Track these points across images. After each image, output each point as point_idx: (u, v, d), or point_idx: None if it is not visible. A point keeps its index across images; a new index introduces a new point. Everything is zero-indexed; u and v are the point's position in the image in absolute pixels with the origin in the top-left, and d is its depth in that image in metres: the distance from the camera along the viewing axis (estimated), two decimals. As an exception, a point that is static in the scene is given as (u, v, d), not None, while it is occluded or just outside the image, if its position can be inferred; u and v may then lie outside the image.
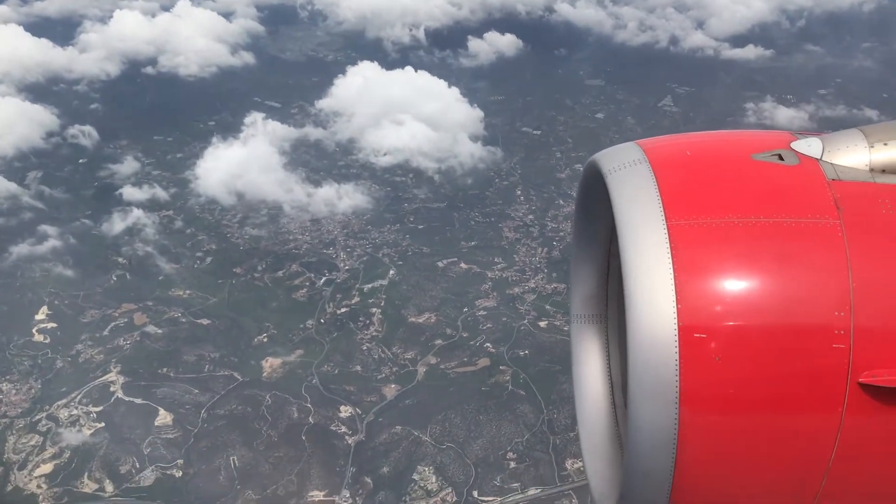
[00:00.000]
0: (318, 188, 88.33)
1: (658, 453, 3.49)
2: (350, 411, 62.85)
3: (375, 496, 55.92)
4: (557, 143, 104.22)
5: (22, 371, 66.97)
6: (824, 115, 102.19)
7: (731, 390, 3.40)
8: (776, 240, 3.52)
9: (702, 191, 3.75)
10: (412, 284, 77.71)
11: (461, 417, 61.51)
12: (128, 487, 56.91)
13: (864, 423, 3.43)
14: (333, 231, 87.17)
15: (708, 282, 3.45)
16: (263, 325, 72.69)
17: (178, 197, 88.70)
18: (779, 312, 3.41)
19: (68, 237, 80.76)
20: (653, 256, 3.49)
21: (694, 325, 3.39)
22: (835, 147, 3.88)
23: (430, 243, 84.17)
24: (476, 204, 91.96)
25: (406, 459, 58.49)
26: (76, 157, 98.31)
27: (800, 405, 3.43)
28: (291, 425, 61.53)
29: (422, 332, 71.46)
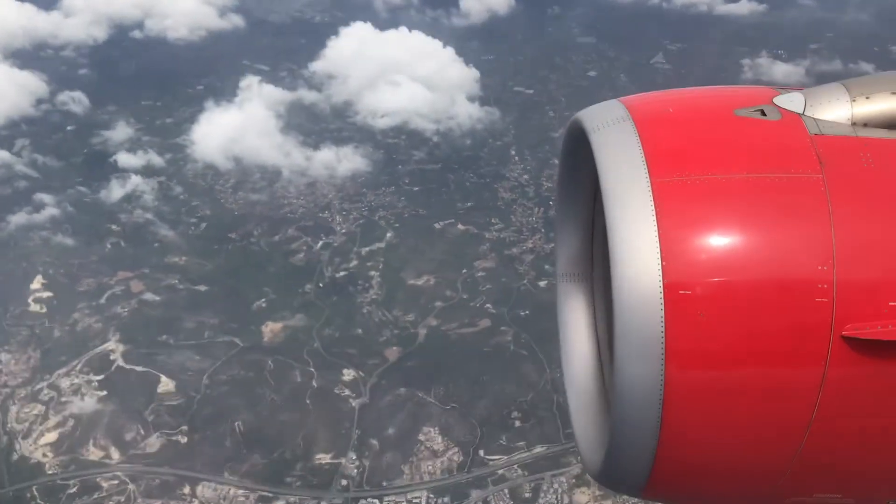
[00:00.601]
0: (317, 151, 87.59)
1: (644, 410, 3.52)
2: (353, 374, 62.99)
3: (382, 457, 56.31)
4: (550, 103, 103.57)
5: (20, 341, 66.47)
6: (820, 69, 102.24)
7: (716, 346, 3.42)
8: (759, 195, 3.53)
9: (685, 147, 3.74)
10: (410, 247, 77.50)
11: (464, 378, 61.78)
12: (134, 454, 56.98)
13: (847, 375, 3.45)
14: (328, 194, 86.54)
15: (692, 238, 3.46)
16: (262, 290, 72.35)
17: (173, 163, 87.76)
18: (762, 267, 3.42)
19: (66, 205, 79.90)
20: (637, 214, 3.49)
21: (679, 282, 3.40)
22: (817, 102, 3.87)
23: (427, 205, 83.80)
24: (470, 165, 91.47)
25: (411, 421, 58.80)
26: (67, 123, 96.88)
27: (783, 359, 3.46)
28: (295, 389, 61.62)
29: (421, 295, 71.45)
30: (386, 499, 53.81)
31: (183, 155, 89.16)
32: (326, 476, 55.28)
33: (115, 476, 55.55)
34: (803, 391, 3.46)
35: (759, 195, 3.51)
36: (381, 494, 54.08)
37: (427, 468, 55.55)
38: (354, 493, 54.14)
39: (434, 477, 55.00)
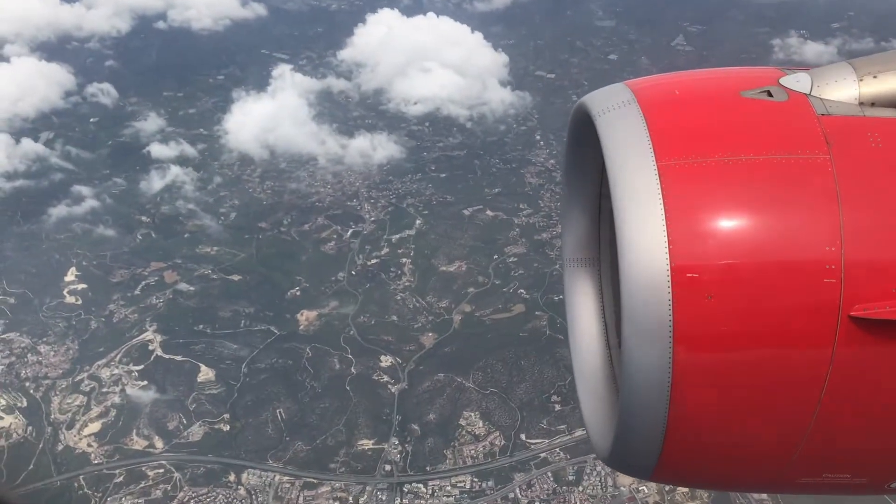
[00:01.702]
0: (352, 139, 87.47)
1: (653, 393, 3.53)
2: (391, 361, 63.22)
3: (424, 442, 56.58)
4: (573, 87, 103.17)
5: (58, 333, 66.92)
6: (851, 48, 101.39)
7: (724, 328, 3.43)
8: (766, 177, 3.52)
9: (691, 130, 3.73)
10: (440, 233, 77.53)
11: (502, 363, 61.94)
12: (177, 443, 57.41)
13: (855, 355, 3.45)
14: (355, 183, 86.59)
15: (699, 221, 3.47)
16: (295, 279, 72.59)
17: (206, 153, 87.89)
18: (770, 249, 3.42)
19: (105, 197, 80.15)
20: (643, 197, 3.49)
21: (686, 265, 3.40)
22: (824, 81, 3.85)
23: (454, 192, 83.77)
24: (496, 151, 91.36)
25: (451, 406, 59.03)
26: (97, 115, 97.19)
27: (792, 340, 3.46)
28: (334, 376, 61.90)
29: (454, 281, 71.55)
30: (430, 483, 54.12)
31: (217, 145, 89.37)
32: (370, 461, 55.61)
33: (160, 465, 56.03)
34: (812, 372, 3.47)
35: (766, 177, 3.51)
36: (425, 479, 54.38)
37: (469, 452, 55.83)
38: (399, 478, 54.43)
39: (477, 461, 55.28)
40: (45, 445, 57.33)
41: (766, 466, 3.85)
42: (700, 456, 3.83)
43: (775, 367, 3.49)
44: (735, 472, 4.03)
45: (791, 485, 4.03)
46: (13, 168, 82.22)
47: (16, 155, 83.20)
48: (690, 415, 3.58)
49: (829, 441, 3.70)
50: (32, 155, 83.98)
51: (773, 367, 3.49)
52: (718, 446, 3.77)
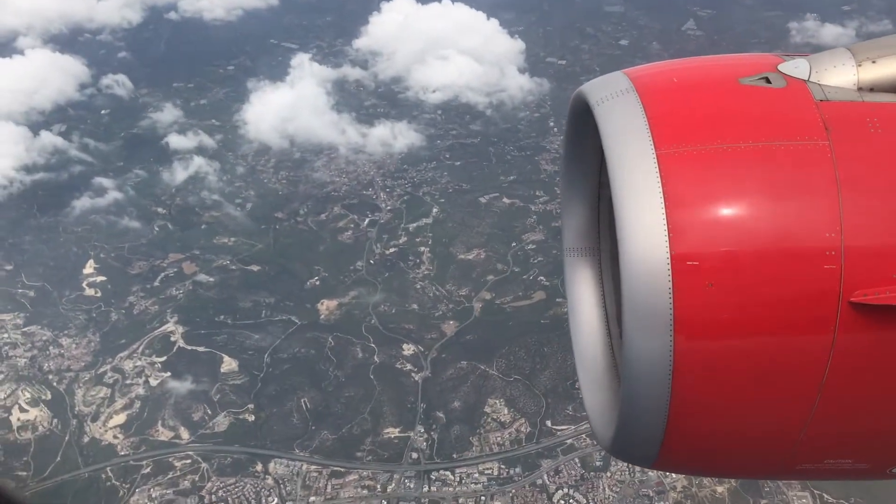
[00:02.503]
0: (372, 128, 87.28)
1: (654, 382, 3.53)
2: (413, 349, 63.26)
3: (450, 430, 56.67)
4: (585, 73, 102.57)
5: (78, 325, 66.97)
6: (868, 29, 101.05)
7: (725, 316, 3.44)
8: (765, 164, 3.51)
9: (690, 118, 3.73)
10: (457, 221, 77.44)
11: (525, 350, 61.96)
12: (203, 433, 57.53)
13: (856, 341, 3.46)
14: (369, 172, 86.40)
15: (699, 209, 3.46)
16: (313, 269, 72.56)
17: (224, 144, 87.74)
18: (769, 236, 3.42)
19: (127, 189, 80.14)
20: (643, 186, 3.49)
21: (686, 253, 3.40)
22: (822, 67, 3.84)
23: (469, 180, 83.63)
24: (509, 138, 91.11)
25: (475, 393, 59.09)
26: (113, 107, 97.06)
27: (793, 327, 3.46)
28: (357, 365, 61.95)
29: (473, 269, 71.51)
30: (457, 471, 54.23)
31: (236, 136, 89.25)
32: (396, 450, 55.72)
33: (186, 455, 56.16)
34: (813, 358, 3.47)
35: (765, 164, 3.49)
36: (452, 466, 54.50)
37: (496, 440, 55.92)
38: (426, 466, 54.54)
39: (503, 448, 55.37)
40: (71, 438, 57.47)
41: (769, 453, 3.87)
42: (702, 444, 3.84)
43: (776, 354, 3.50)
44: (737, 459, 4.05)
45: (793, 471, 4.05)
46: (32, 161, 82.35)
47: (34, 148, 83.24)
48: (692, 403, 3.59)
49: (830, 427, 3.70)
50: (51, 148, 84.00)
51: (774, 354, 3.49)
52: (720, 434, 3.78)
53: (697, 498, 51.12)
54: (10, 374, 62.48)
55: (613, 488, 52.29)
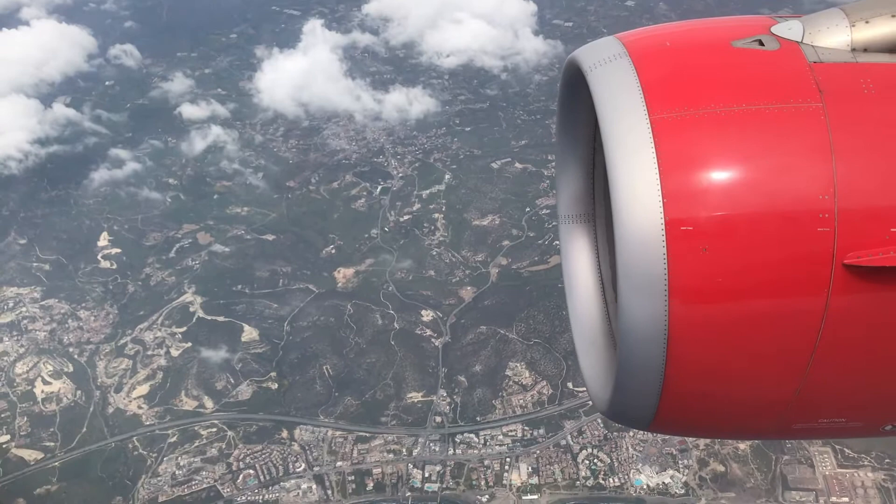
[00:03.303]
0: (387, 94, 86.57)
1: (649, 346, 3.56)
2: (432, 315, 63.50)
3: (472, 393, 57.14)
4: (592, 34, 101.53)
5: (95, 297, 67.07)
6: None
7: (720, 280, 3.44)
8: (759, 127, 3.50)
9: (683, 82, 3.70)
10: (470, 188, 77.29)
11: (543, 314, 62.20)
12: (227, 402, 57.95)
13: (850, 303, 3.47)
14: (379, 139, 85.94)
15: (692, 174, 3.45)
16: (328, 237, 72.55)
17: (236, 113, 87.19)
18: (763, 200, 3.42)
19: (145, 160, 79.69)
20: (637, 152, 3.48)
21: (680, 219, 3.40)
22: (815, 29, 3.81)
23: (481, 145, 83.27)
24: (518, 102, 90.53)
25: (496, 357, 59.47)
26: (123, 77, 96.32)
27: (787, 290, 3.48)
28: (378, 332, 62.23)
29: (488, 235, 71.53)
30: (482, 433, 54.77)
31: (248, 104, 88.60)
32: (420, 414, 56.22)
33: (212, 424, 56.65)
34: (807, 320, 3.49)
35: (759, 127, 3.48)
36: (476, 429, 55.05)
37: (518, 402, 56.42)
38: (450, 429, 55.07)
39: (526, 410, 55.89)
40: (96, 409, 57.87)
41: (764, 414, 3.91)
42: (697, 406, 3.87)
43: (770, 317, 3.51)
44: (732, 420, 4.08)
45: (788, 431, 4.08)
46: (45, 134, 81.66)
47: (46, 120, 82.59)
48: (687, 366, 3.62)
49: (824, 387, 3.73)
50: (63, 120, 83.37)
51: (769, 317, 3.51)
52: (716, 396, 3.81)
53: (720, 455, 51.79)
54: (31, 348, 62.70)
55: (637, 447, 52.91)
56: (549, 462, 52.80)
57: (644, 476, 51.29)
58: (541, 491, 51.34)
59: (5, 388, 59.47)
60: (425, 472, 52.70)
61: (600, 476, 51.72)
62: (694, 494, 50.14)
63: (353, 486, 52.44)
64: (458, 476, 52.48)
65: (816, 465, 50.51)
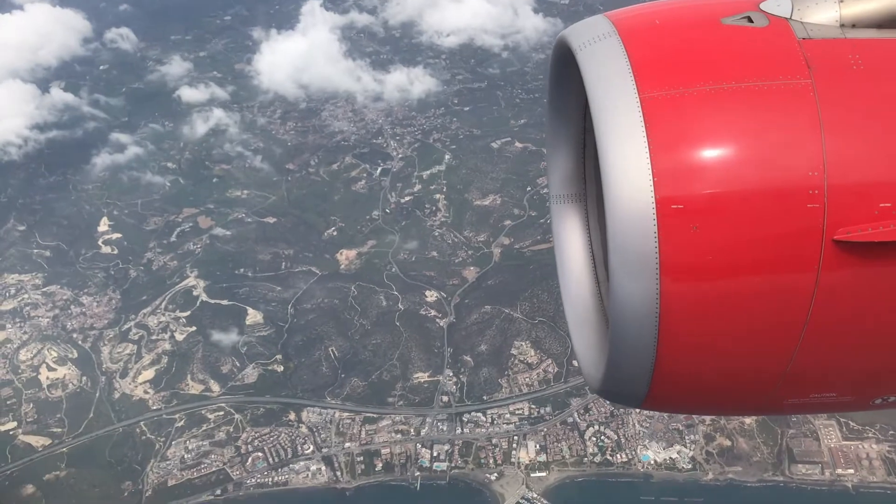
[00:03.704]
0: (388, 74, 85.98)
1: (641, 324, 3.56)
2: (436, 295, 63.57)
3: (478, 373, 57.36)
4: (588, 11, 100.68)
5: (97, 283, 66.87)
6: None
7: (710, 257, 3.44)
8: (748, 104, 3.48)
9: (673, 60, 3.68)
10: (470, 168, 77.11)
11: (547, 293, 62.29)
12: (233, 386, 58.07)
13: (839, 278, 3.47)
14: (378, 120, 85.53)
15: (682, 152, 3.44)
16: (329, 220, 72.40)
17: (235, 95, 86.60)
18: (753, 177, 3.40)
19: (146, 144, 79.14)
20: (627, 131, 3.46)
21: (671, 197, 3.39)
22: (804, 4, 3.78)
23: (480, 125, 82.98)
24: (516, 81, 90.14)
25: (501, 336, 59.64)
26: (119, 61, 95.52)
27: (777, 266, 3.48)
28: (382, 313, 62.29)
29: (489, 215, 71.48)
30: (489, 412, 55.08)
31: (246, 87, 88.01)
32: (427, 394, 56.47)
33: (219, 407, 56.79)
34: (797, 296, 3.49)
35: (748, 105, 3.47)
36: (483, 408, 55.35)
37: (524, 380, 56.68)
38: (457, 409, 55.34)
39: (532, 389, 56.18)
40: (102, 394, 57.93)
41: (755, 390, 3.91)
42: (690, 383, 3.87)
43: (761, 294, 3.50)
44: (725, 397, 4.09)
45: (780, 407, 4.09)
46: (43, 119, 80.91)
47: (44, 105, 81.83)
48: (679, 344, 3.61)
49: (815, 363, 3.74)
50: (61, 105, 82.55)
51: (759, 294, 3.50)
52: (708, 373, 3.81)
53: (726, 430, 52.24)
54: (35, 335, 62.58)
55: (643, 423, 53.31)
56: (557, 439, 53.17)
57: (651, 452, 51.73)
58: (549, 468, 51.77)
59: (10, 375, 59.41)
60: (434, 452, 53.06)
61: (608, 452, 52.17)
62: (701, 469, 50.64)
63: (362, 467, 52.78)
64: (467, 455, 52.85)
65: (822, 437, 51.04)
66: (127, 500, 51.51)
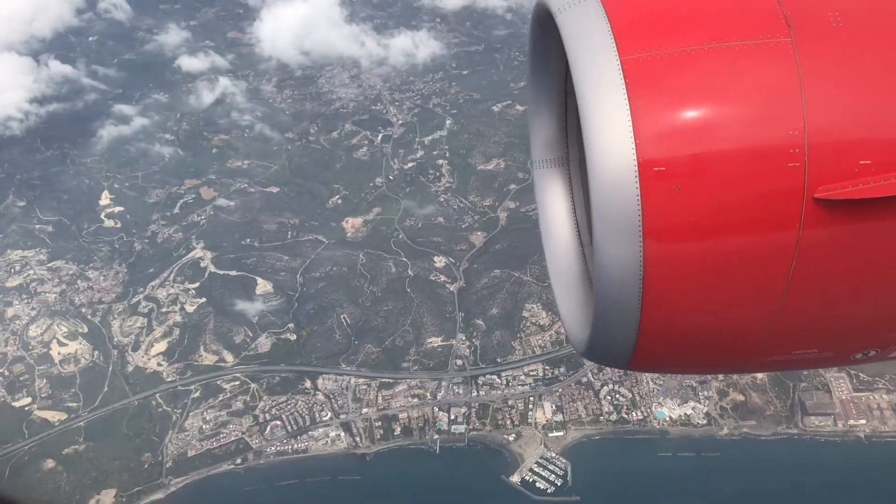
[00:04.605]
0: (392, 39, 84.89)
1: (625, 285, 3.57)
2: (444, 261, 63.67)
3: (491, 336, 57.77)
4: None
5: (102, 257, 66.41)
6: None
7: (693, 219, 3.44)
8: (728, 65, 3.46)
9: (653, 22, 3.65)
10: (472, 132, 76.75)
11: (556, 255, 62.40)
12: (247, 356, 58.16)
13: (820, 236, 3.49)
14: (376, 86, 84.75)
15: (664, 115, 3.43)
16: (333, 188, 72.04)
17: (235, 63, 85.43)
18: (734, 138, 3.40)
19: (151, 115, 78.05)
20: (608, 95, 3.44)
21: (653, 160, 3.39)
22: None
23: (479, 88, 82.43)
24: (514, 43, 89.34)
25: (512, 300, 59.96)
26: (115, 32, 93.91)
27: (759, 226, 3.48)
28: (392, 279, 62.38)
29: (494, 179, 71.38)
30: (503, 374, 55.58)
31: (244, 54, 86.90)
32: (441, 358, 56.86)
33: (234, 377, 56.93)
34: (779, 255, 3.52)
35: (728, 65, 3.46)
36: (497, 370, 55.86)
37: (537, 342, 57.16)
38: (472, 372, 55.79)
39: (545, 350, 56.69)
40: (115, 368, 57.87)
41: (739, 349, 3.96)
42: (674, 343, 3.90)
43: (743, 253, 3.53)
44: (709, 356, 4.14)
45: (763, 364, 4.15)
46: (41, 92, 79.54)
47: (42, 78, 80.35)
48: (663, 304, 3.64)
49: (797, 320, 3.77)
50: (59, 77, 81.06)
51: (742, 253, 3.53)
52: (692, 333, 3.84)
53: (739, 385, 53.07)
54: (42, 310, 62.21)
55: (657, 381, 54.04)
56: (572, 399, 53.83)
57: (666, 409, 52.53)
58: (566, 427, 52.49)
59: (21, 351, 59.19)
60: (451, 415, 53.57)
61: (623, 411, 52.92)
62: (716, 424, 51.53)
63: (381, 432, 53.28)
64: (484, 417, 53.44)
65: (833, 390, 51.98)
66: (147, 471, 51.76)
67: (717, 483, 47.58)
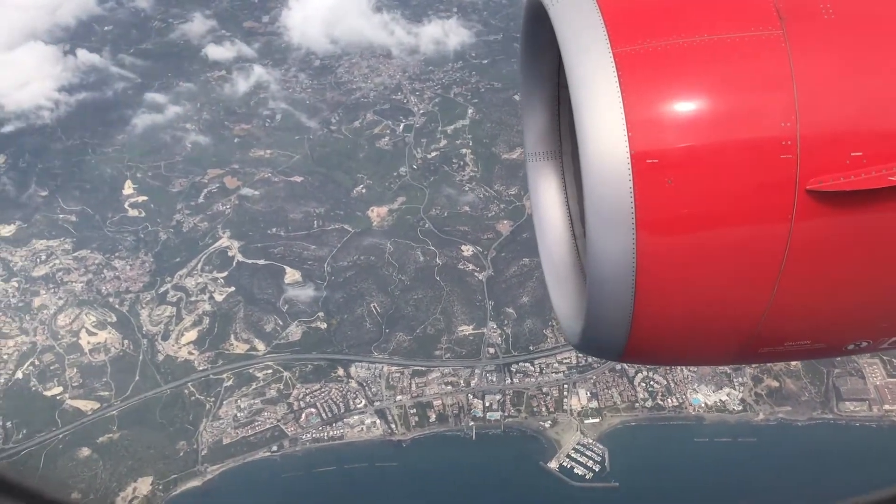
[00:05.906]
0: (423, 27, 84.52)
1: (618, 278, 3.60)
2: (472, 250, 63.73)
3: (522, 324, 57.85)
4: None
5: (128, 247, 66.25)
6: None
7: (686, 211, 3.47)
8: (720, 58, 3.49)
9: (645, 14, 3.66)
10: (495, 121, 76.69)
11: (584, 243, 62.54)
12: (278, 344, 58.14)
13: (812, 228, 3.51)
14: (395, 76, 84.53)
15: (656, 107, 3.45)
16: (357, 177, 71.95)
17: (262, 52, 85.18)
18: (726, 130, 3.43)
19: (184, 103, 77.76)
20: (601, 87, 3.46)
21: (645, 152, 3.41)
22: None
23: (499, 77, 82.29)
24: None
25: (542, 288, 59.68)
26: (138, 20, 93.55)
27: (751, 218, 3.50)
28: (421, 268, 62.41)
29: (518, 168, 71.21)
30: (536, 362, 55.70)
31: (267, 42, 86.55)
32: (473, 346, 56.97)
33: (266, 366, 56.92)
34: (771, 247, 3.54)
35: (721, 58, 3.49)
36: (530, 358, 56.00)
37: (569, 330, 57.07)
38: (504, 360, 55.89)
39: (578, 338, 56.58)
40: (145, 357, 57.79)
41: (731, 340, 3.97)
42: (667, 335, 3.93)
43: (736, 246, 3.55)
44: (701, 348, 4.17)
45: (755, 355, 4.16)
46: (69, 81, 79.20)
47: (69, 67, 79.87)
48: (656, 296, 3.66)
49: (789, 312, 3.79)
50: (87, 66, 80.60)
51: (734, 246, 3.55)
52: (684, 325, 3.86)
53: (773, 372, 53.27)
54: (70, 300, 62.06)
55: (691, 368, 54.08)
56: (607, 386, 54.01)
57: (701, 395, 52.73)
58: (602, 414, 52.69)
59: (50, 340, 59.06)
60: (486, 402, 53.69)
61: (658, 397, 53.12)
62: (752, 410, 51.78)
63: (416, 419, 53.38)
64: (519, 404, 53.59)
65: (867, 375, 52.27)
66: (183, 459, 51.79)
67: (755, 469, 47.77)
